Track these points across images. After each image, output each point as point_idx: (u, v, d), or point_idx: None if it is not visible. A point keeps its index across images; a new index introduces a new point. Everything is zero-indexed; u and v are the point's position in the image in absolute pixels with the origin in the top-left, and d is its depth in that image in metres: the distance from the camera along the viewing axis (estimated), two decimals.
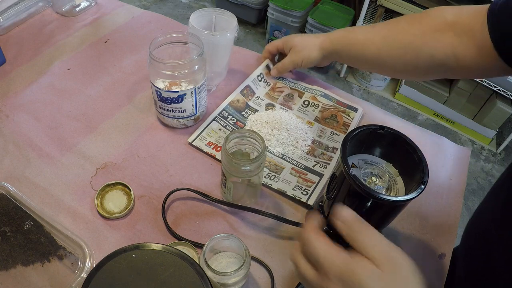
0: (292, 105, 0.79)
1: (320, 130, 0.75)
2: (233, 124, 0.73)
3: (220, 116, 0.73)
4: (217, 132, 0.71)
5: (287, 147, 0.70)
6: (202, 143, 0.68)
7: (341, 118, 0.77)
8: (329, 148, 0.72)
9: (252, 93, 0.78)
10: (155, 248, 0.44)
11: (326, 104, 0.80)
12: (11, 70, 0.79)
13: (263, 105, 0.78)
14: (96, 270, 0.42)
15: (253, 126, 0.72)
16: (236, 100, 0.76)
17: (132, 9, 1.00)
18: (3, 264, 0.52)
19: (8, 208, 0.57)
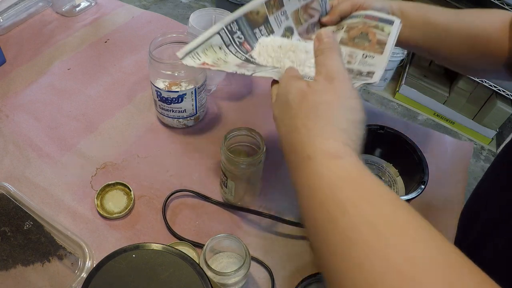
0: (312, 36, 0.60)
1: (348, 56, 0.57)
2: (239, 45, 0.55)
3: (226, 29, 0.54)
4: (215, 52, 0.53)
5: (308, 69, 0.53)
6: (194, 63, 0.52)
7: (374, 35, 0.58)
8: (362, 74, 0.54)
9: (280, 4, 0.58)
10: (155, 248, 0.44)
11: (351, 22, 0.61)
12: (11, 70, 0.79)
13: (282, 26, 0.59)
14: (96, 270, 0.42)
15: (262, 52, 0.56)
16: (256, 12, 0.56)
17: (132, 9, 1.00)
18: (3, 264, 0.52)
19: (8, 208, 0.57)
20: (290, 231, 0.60)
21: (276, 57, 0.55)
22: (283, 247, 0.59)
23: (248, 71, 0.49)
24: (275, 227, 0.61)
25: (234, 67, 0.51)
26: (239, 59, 0.53)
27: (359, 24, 0.60)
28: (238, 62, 0.52)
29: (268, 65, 0.53)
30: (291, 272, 0.56)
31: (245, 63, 0.53)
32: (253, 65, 0.53)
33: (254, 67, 0.51)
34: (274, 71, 0.49)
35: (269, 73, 0.48)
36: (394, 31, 0.58)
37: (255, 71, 0.49)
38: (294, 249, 0.59)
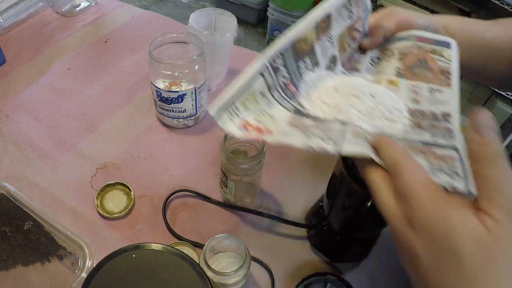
0: (357, 65, 0.52)
1: (412, 91, 0.46)
2: (283, 88, 0.43)
3: (271, 65, 0.41)
4: (258, 102, 0.40)
5: (380, 121, 0.43)
6: (233, 123, 0.38)
7: (434, 62, 0.48)
8: (437, 117, 0.43)
9: (328, 26, 0.46)
10: (155, 248, 0.44)
11: (403, 47, 0.50)
12: (11, 70, 0.79)
13: (327, 56, 0.47)
14: (96, 270, 0.42)
15: (313, 97, 0.44)
16: (304, 39, 0.43)
17: (132, 9, 1.00)
18: (3, 264, 0.52)
19: (8, 208, 0.57)
20: (290, 231, 0.60)
21: (335, 106, 0.43)
22: (283, 247, 0.59)
23: (325, 141, 0.37)
24: (275, 227, 0.61)
25: (288, 127, 0.39)
26: (287, 110, 0.42)
27: (413, 49, 0.50)
28: (288, 117, 0.41)
29: (327, 117, 0.42)
30: (291, 272, 0.56)
31: (297, 117, 0.41)
32: (310, 120, 0.41)
33: (315, 126, 0.40)
34: (368, 147, 0.37)
35: (362, 148, 0.36)
36: (455, 55, 0.48)
37: (337, 144, 0.37)
38: (294, 249, 0.59)
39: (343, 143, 0.37)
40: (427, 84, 0.46)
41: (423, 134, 0.42)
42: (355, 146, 0.36)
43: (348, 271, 0.56)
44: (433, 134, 0.42)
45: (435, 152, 0.39)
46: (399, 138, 0.41)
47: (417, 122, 0.43)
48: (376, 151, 0.36)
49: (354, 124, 0.41)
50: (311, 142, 0.37)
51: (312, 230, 0.58)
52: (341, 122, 0.41)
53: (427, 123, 0.43)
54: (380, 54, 0.52)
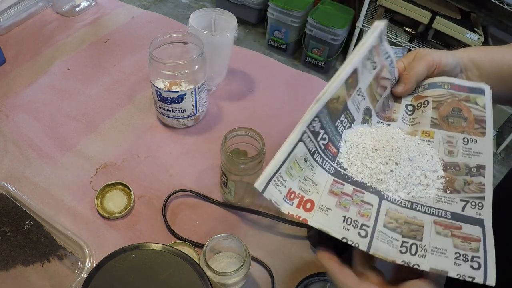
0: (393, 114, 0.52)
1: (447, 142, 0.47)
2: (323, 149, 0.43)
3: (310, 130, 0.41)
4: (301, 168, 0.41)
5: (413, 188, 0.44)
6: (280, 193, 0.39)
7: (468, 111, 0.48)
8: (471, 170, 0.44)
9: (356, 81, 0.46)
10: (155, 248, 0.44)
11: (437, 95, 0.50)
12: (11, 70, 0.79)
13: (361, 110, 0.48)
14: (96, 270, 0.42)
15: (352, 157, 0.45)
16: (336, 98, 0.44)
17: (132, 9, 1.00)
18: (3, 264, 0.52)
19: (8, 208, 0.57)
20: (290, 231, 0.60)
21: (375, 172, 0.44)
22: (283, 247, 0.59)
23: (359, 236, 0.39)
24: (275, 227, 0.61)
25: (329, 197, 0.41)
26: (328, 172, 0.43)
27: (447, 98, 0.49)
28: (328, 181, 0.42)
29: (365, 181, 0.43)
30: (291, 272, 0.56)
31: (337, 182, 0.43)
32: (349, 185, 0.43)
33: (353, 201, 0.42)
34: (390, 251, 0.39)
35: (386, 252, 0.39)
36: (489, 102, 0.48)
37: (369, 244, 0.39)
38: (294, 249, 0.59)
39: (372, 243, 0.39)
40: (462, 134, 0.47)
41: (454, 199, 0.43)
42: (381, 249, 0.39)
43: None
44: (463, 197, 0.43)
45: (462, 230, 0.41)
46: (430, 205, 0.43)
47: (451, 180, 0.45)
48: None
49: (388, 208, 0.42)
50: (348, 236, 0.39)
51: (312, 230, 0.58)
52: (378, 192, 0.43)
53: (460, 182, 0.44)
54: (414, 101, 0.52)
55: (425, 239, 0.40)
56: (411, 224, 0.41)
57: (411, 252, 0.39)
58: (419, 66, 0.51)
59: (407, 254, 0.39)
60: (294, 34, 2.25)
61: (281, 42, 2.33)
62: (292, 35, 2.25)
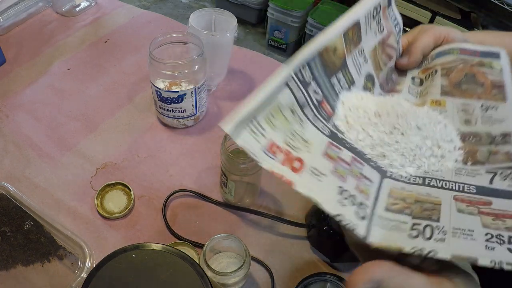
0: (397, 87, 0.47)
1: (462, 110, 0.41)
2: (316, 105, 0.36)
3: (298, 78, 0.34)
4: (287, 119, 0.33)
5: (425, 162, 0.38)
6: (257, 143, 0.31)
7: (483, 76, 0.42)
8: (495, 140, 0.38)
9: (358, 38, 0.41)
10: (155, 248, 0.44)
11: (445, 62, 0.45)
12: (11, 70, 0.79)
13: (362, 73, 0.42)
14: (96, 270, 0.42)
15: (351, 121, 0.38)
16: (333, 49, 0.38)
17: (132, 9, 1.00)
18: (3, 264, 0.52)
19: (8, 208, 0.57)
20: (290, 231, 0.60)
21: (379, 141, 0.37)
22: (283, 247, 0.59)
23: (357, 217, 0.31)
24: (275, 227, 0.61)
25: (322, 160, 0.33)
26: (322, 133, 0.35)
27: (458, 63, 0.43)
28: (323, 142, 0.35)
29: (365, 151, 0.37)
30: (291, 272, 0.56)
31: (333, 145, 0.35)
32: (346, 151, 0.35)
33: (351, 170, 0.34)
34: (396, 239, 0.31)
35: (389, 242, 0.31)
36: (506, 65, 0.42)
37: (368, 229, 0.31)
38: (294, 249, 0.59)
39: (371, 230, 0.31)
40: (479, 100, 0.40)
41: (478, 171, 0.36)
42: (382, 236, 0.31)
43: (348, 271, 0.56)
44: (490, 169, 0.36)
45: (493, 206, 0.33)
46: (448, 178, 0.36)
47: (472, 151, 0.38)
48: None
49: (393, 185, 0.35)
50: (344, 213, 0.30)
51: (312, 230, 0.58)
52: (379, 169, 0.36)
53: (483, 152, 0.38)
54: (421, 74, 0.47)
55: (443, 219, 0.32)
56: (424, 203, 0.34)
57: (424, 235, 0.31)
58: (425, 37, 0.47)
59: (419, 238, 0.31)
60: (294, 34, 2.25)
61: (281, 42, 2.33)
62: (292, 35, 2.25)
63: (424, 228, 0.32)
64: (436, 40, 0.47)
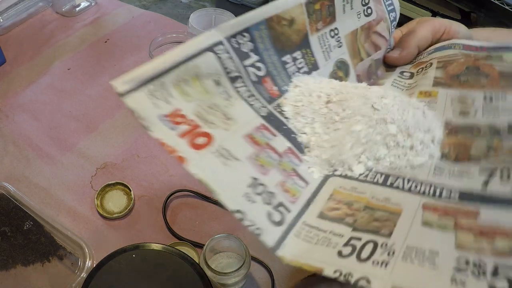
0: (380, 81, 0.40)
1: (458, 101, 0.33)
2: (256, 82, 0.30)
3: (231, 44, 0.29)
4: (207, 91, 0.28)
5: (385, 153, 0.29)
6: (154, 108, 0.26)
7: (491, 67, 0.34)
8: (499, 132, 0.30)
9: (330, 15, 0.34)
10: (155, 248, 0.44)
11: (445, 55, 0.38)
12: (11, 70, 0.79)
13: (332, 59, 0.35)
14: (96, 270, 0.42)
15: (302, 108, 0.32)
16: (288, 19, 0.31)
17: (132, 9, 1.00)
18: (3, 264, 0.52)
19: (8, 208, 0.57)
20: None
21: (333, 130, 0.29)
22: None
23: (267, 222, 0.25)
24: None
25: (242, 142, 0.26)
26: (255, 112, 0.29)
27: (459, 56, 0.36)
28: (253, 122, 0.28)
29: (310, 144, 0.30)
30: (291, 272, 0.56)
31: (267, 129, 0.28)
32: (283, 139, 0.29)
33: (280, 162, 0.27)
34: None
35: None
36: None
37: (278, 245, 0.25)
38: None
39: (285, 240, 0.24)
40: (481, 91, 0.33)
41: (468, 171, 0.28)
42: (300, 250, 0.24)
43: None
44: (486, 168, 0.27)
45: (481, 219, 0.24)
46: (419, 178, 0.27)
47: (463, 145, 0.30)
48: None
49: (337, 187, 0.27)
50: (246, 210, 0.24)
51: None
52: (324, 164, 0.29)
53: (479, 146, 0.29)
54: (413, 68, 0.40)
55: (396, 235, 0.23)
56: (376, 211, 0.26)
57: (360, 255, 0.23)
58: (422, 29, 0.40)
59: (350, 258, 0.23)
60: None
61: None
62: None
63: (363, 245, 0.23)
64: (434, 33, 0.41)
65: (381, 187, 0.27)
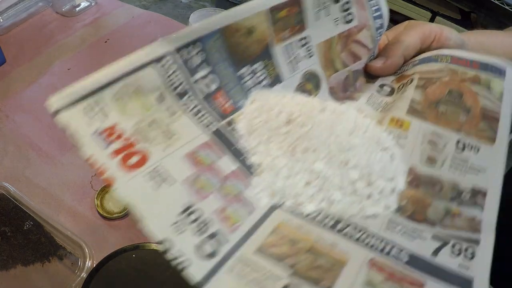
0: (356, 94, 0.36)
1: (429, 141, 0.30)
2: (207, 96, 0.28)
3: (181, 56, 0.28)
4: (147, 107, 0.26)
5: (340, 199, 0.27)
6: (89, 123, 0.27)
7: (474, 98, 0.31)
8: (461, 196, 0.28)
9: (299, 25, 0.31)
10: (155, 248, 0.44)
11: (427, 70, 0.34)
12: (11, 70, 0.79)
13: (299, 71, 0.32)
14: (96, 270, 0.42)
15: (256, 126, 0.29)
16: (247, 28, 0.29)
17: (132, 9, 1.00)
18: (3, 264, 0.52)
19: (8, 208, 0.57)
20: None
21: (291, 158, 0.27)
22: None
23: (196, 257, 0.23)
24: None
25: (183, 163, 0.24)
26: (204, 129, 0.27)
27: (443, 74, 0.33)
28: (198, 140, 0.26)
29: (262, 166, 0.27)
30: None
31: (211, 148, 0.26)
32: (235, 161, 0.27)
33: (234, 177, 0.26)
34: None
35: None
36: (510, 89, 0.31)
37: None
38: None
39: (214, 276, 0.22)
40: (457, 133, 0.30)
41: (422, 232, 0.25)
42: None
43: None
44: (440, 235, 0.25)
45: (421, 286, 0.22)
46: (370, 229, 0.25)
47: (421, 203, 0.27)
48: None
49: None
50: (174, 240, 0.22)
51: None
52: (272, 194, 0.26)
53: (437, 209, 0.26)
54: (395, 83, 0.36)
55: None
56: (320, 256, 0.23)
57: None
58: (410, 35, 0.36)
59: None
60: None
61: None
62: None
63: None
64: (423, 40, 0.37)
65: (329, 232, 0.25)
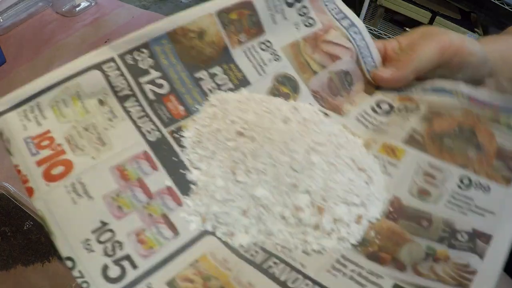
0: (345, 104, 0.33)
1: (424, 174, 0.26)
2: (155, 100, 0.27)
3: (126, 61, 0.26)
4: (87, 110, 0.25)
5: (290, 230, 0.22)
6: (22, 129, 0.25)
7: (490, 137, 0.27)
8: (455, 235, 0.22)
9: (256, 29, 0.31)
10: None
11: (439, 102, 0.30)
12: (11, 70, 0.79)
13: (268, 73, 0.31)
14: None
15: (205, 136, 0.25)
16: (197, 31, 0.28)
17: (132, 9, 1.00)
18: (3, 264, 0.52)
19: (8, 208, 0.57)
20: None
21: (231, 180, 0.23)
22: None
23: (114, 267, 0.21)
24: None
25: (109, 176, 0.23)
26: (143, 137, 0.25)
27: (456, 111, 0.28)
28: (133, 150, 0.24)
29: (199, 184, 0.24)
30: None
31: (145, 160, 0.24)
32: (168, 178, 0.24)
33: (164, 196, 0.24)
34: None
35: None
36: None
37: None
38: None
39: None
40: (462, 168, 0.25)
41: (377, 281, 0.20)
42: None
43: None
44: (411, 283, 0.19)
45: None
46: (309, 274, 0.20)
47: (395, 241, 0.21)
48: None
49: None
50: (81, 257, 0.20)
51: None
52: (206, 220, 0.23)
53: (416, 250, 0.21)
54: (397, 102, 0.32)
55: None
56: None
57: None
58: (426, 47, 0.31)
59: None
60: None
61: None
62: None
63: None
64: (442, 53, 0.32)
65: (254, 268, 0.21)
